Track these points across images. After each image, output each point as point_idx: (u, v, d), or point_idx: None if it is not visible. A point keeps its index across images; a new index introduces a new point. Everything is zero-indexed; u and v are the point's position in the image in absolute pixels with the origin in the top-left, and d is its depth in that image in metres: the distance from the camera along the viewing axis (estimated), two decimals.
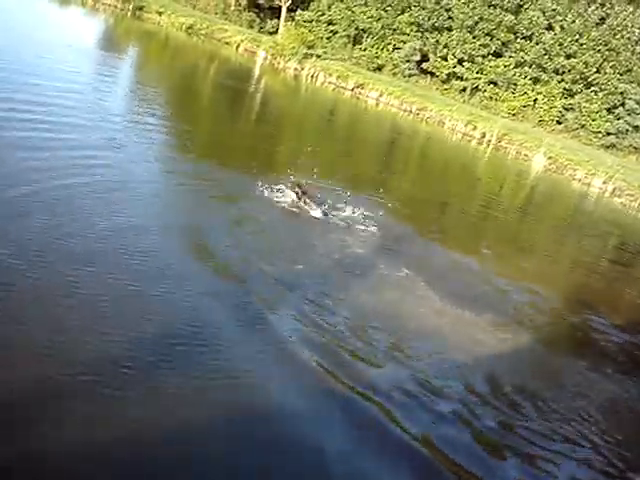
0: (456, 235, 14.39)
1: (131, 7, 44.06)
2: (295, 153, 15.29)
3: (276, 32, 53.34)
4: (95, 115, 13.68)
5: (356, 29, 52.51)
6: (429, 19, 49.39)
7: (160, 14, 44.58)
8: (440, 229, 14.58)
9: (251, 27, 54.40)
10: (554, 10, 46.82)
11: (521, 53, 47.80)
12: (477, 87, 50.03)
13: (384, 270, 10.06)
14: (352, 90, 41.85)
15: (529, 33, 47.46)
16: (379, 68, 51.82)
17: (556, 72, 47.36)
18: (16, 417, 4.57)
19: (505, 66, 48.42)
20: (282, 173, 13.18)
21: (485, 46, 48.46)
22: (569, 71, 46.72)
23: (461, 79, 50.19)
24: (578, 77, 46.72)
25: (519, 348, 8.96)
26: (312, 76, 42.43)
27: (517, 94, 48.66)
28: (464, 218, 17.57)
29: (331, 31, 54.16)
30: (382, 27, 51.34)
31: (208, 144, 15.84)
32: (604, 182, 34.41)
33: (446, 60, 49.85)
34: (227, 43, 44.61)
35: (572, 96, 47.49)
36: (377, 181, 18.26)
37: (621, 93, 46.08)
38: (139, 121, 15.01)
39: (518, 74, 48.29)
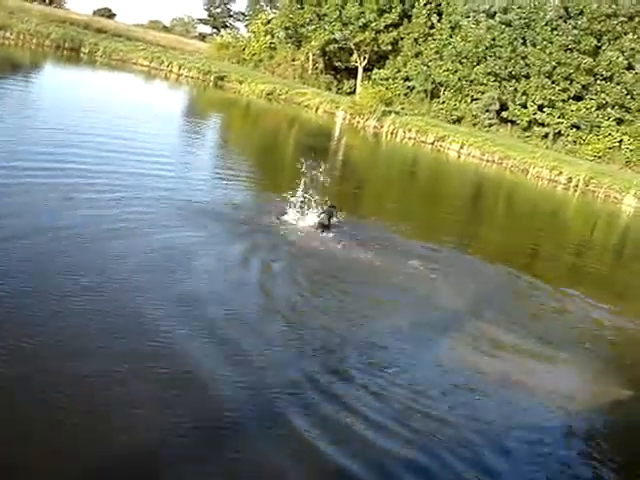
0: (547, 279, 14.02)
1: (212, 78, 45.66)
2: (379, 202, 15.41)
3: (354, 92, 54.36)
4: (183, 175, 14.36)
5: (433, 83, 53.01)
6: (506, 68, 49.44)
7: (240, 83, 45.96)
8: (531, 273, 14.23)
9: (329, 89, 55.52)
10: (633, 49, 46.15)
11: (602, 95, 47.14)
12: (559, 132, 49.51)
13: (468, 322, 9.87)
14: (432, 144, 41.94)
15: (609, 74, 46.84)
16: (458, 120, 51.98)
17: None
18: None
19: (587, 109, 47.79)
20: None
21: (565, 90, 48.08)
22: None
23: (542, 125, 49.81)
24: None
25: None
26: (392, 133, 42.72)
27: (601, 136, 47.83)
28: (556, 263, 17.22)
29: (408, 87, 54.86)
30: (459, 79, 51.66)
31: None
32: None
33: (526, 107, 49.65)
34: (306, 106, 45.49)
35: None
36: (462, 228, 18.25)
37: None
38: (227, 177, 15.65)
39: (601, 116, 47.55)
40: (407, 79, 54.99)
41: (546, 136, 50.03)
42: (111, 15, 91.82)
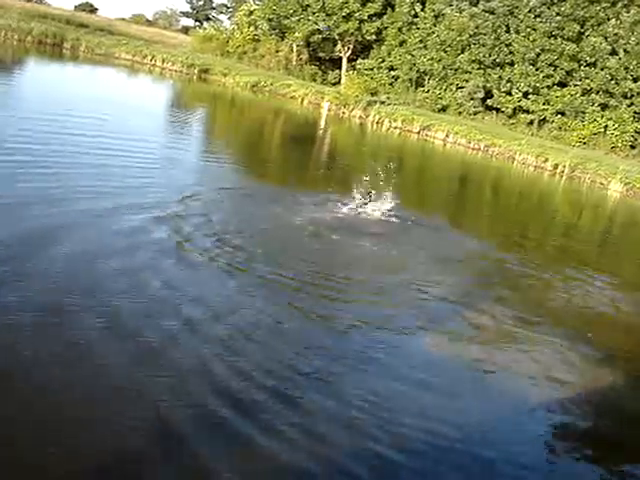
0: (537, 260, 14.07)
1: (196, 71, 45.50)
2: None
3: (339, 83, 54.21)
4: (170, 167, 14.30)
5: (417, 72, 52.87)
6: (490, 55, 49.37)
7: (225, 75, 45.78)
8: (521, 254, 14.26)
9: (314, 80, 55.36)
10: (616, 34, 46.19)
11: (587, 80, 47.20)
12: (545, 119, 49.57)
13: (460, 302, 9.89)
14: (418, 133, 41.88)
15: (593, 60, 46.85)
16: (443, 109, 51.93)
17: (624, 96, 46.54)
18: None
19: (571, 95, 47.83)
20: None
21: (549, 77, 48.10)
22: (638, 94, 45.87)
23: (527, 112, 49.84)
24: None
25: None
26: (377, 122, 42.71)
27: (586, 122, 47.89)
28: (546, 245, 17.30)
29: (393, 76, 54.72)
30: (443, 68, 51.55)
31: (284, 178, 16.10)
32: None
33: (510, 95, 49.63)
34: (292, 97, 45.37)
35: None
36: (450, 213, 18.33)
37: None
38: (218, 169, 15.55)
39: (585, 102, 47.60)
40: (392, 68, 54.85)
41: (531, 123, 50.08)
42: (93, 10, 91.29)
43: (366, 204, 13.80)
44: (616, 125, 46.78)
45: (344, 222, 12.79)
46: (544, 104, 48.97)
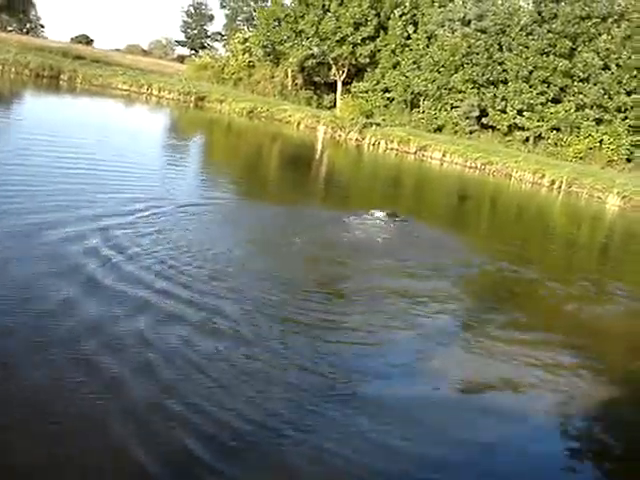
0: (541, 273, 14.13)
1: (193, 98, 45.80)
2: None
3: (334, 106, 54.58)
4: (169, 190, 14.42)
5: (412, 93, 53.20)
6: (483, 74, 49.75)
7: (221, 102, 46.06)
8: (527, 268, 14.32)
9: (309, 104, 55.70)
10: (608, 49, 46.55)
11: (580, 96, 47.48)
12: (540, 135, 49.79)
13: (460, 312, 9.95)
14: (415, 153, 42.08)
15: (586, 75, 47.19)
16: (439, 129, 52.21)
17: (619, 110, 46.75)
18: None
19: (566, 111, 48.06)
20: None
21: (543, 93, 48.41)
22: (632, 108, 46.10)
23: (523, 129, 50.08)
24: None
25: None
26: (374, 144, 42.94)
27: (581, 137, 48.08)
28: (551, 261, 17.34)
29: (388, 98, 55.07)
30: (437, 88, 51.88)
31: (282, 197, 16.19)
32: None
33: (505, 112, 49.92)
34: (288, 122, 45.62)
35: (639, 132, 46.67)
36: (455, 229, 18.44)
37: None
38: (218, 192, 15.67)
39: (580, 117, 47.83)
40: (386, 90, 55.21)
41: (527, 140, 50.28)
42: (89, 42, 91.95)
43: (381, 220, 14.48)
44: (611, 139, 46.94)
45: (347, 239, 12.90)
46: (539, 121, 49.22)
